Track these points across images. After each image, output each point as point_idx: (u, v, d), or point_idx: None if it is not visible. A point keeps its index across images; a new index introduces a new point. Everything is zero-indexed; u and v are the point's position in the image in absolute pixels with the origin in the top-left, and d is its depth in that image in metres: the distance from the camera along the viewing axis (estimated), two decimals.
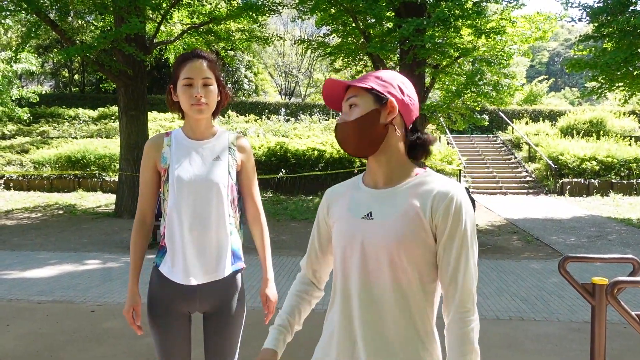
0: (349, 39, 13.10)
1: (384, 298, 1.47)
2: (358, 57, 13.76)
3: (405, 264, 1.44)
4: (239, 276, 2.27)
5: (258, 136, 19.48)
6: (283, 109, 25.42)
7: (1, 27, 15.22)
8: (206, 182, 2.12)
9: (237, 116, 24.33)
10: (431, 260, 1.47)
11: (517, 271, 7.13)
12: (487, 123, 12.66)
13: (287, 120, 23.57)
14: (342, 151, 15.58)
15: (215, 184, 2.13)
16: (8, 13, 11.21)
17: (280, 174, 15.33)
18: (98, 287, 6.11)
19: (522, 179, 17.63)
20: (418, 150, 1.56)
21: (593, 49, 12.13)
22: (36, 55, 18.12)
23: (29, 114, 19.21)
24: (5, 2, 11.32)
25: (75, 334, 4.52)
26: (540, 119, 25.11)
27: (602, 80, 11.55)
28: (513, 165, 18.98)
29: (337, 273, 1.59)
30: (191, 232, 2.10)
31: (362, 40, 12.42)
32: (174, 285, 2.13)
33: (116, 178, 14.99)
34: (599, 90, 11.87)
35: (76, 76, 33.68)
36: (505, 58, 11.92)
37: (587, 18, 11.29)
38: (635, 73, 10.96)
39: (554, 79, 45.08)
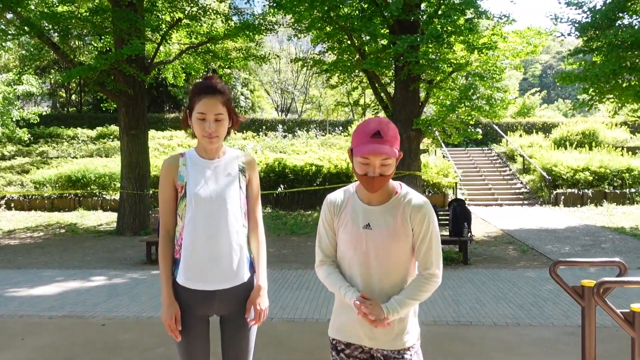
0: (345, 56, 13.37)
1: (382, 273, 2.11)
2: (353, 73, 14.04)
3: (396, 252, 2.11)
4: (253, 282, 2.46)
5: (256, 152, 19.71)
6: (280, 125, 25.69)
7: (2, 49, 15.47)
8: (221, 197, 2.34)
9: (235, 133, 24.57)
10: (410, 247, 2.13)
11: (513, 279, 7.32)
12: (480, 136, 12.91)
13: (285, 137, 23.83)
14: (339, 166, 15.84)
15: (229, 198, 2.36)
16: (10, 37, 11.47)
17: (279, 189, 15.53)
18: (106, 302, 6.27)
19: (517, 191, 17.87)
20: None
21: (583, 62, 12.44)
22: (36, 77, 18.36)
23: (29, 135, 19.41)
24: (4, 26, 11.57)
25: (89, 346, 4.68)
26: (534, 131, 25.44)
27: (592, 93, 11.84)
28: (508, 177, 19.24)
29: (346, 261, 2.17)
30: (209, 242, 2.30)
31: (357, 57, 12.70)
32: (193, 291, 2.33)
33: (116, 197, 15.17)
34: (590, 102, 12.15)
35: (73, 96, 33.95)
36: (497, 72, 12.19)
37: (576, 33, 11.61)
38: (624, 85, 11.25)
39: (546, 91, 45.54)
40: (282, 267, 8.48)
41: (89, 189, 16.39)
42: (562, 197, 16.31)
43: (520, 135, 24.15)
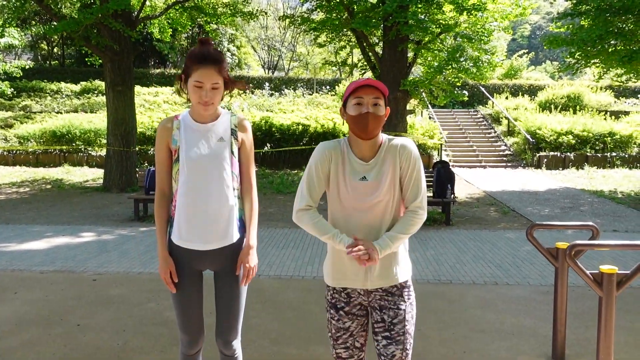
0: (333, 14, 13.22)
1: (379, 213, 2.28)
2: (342, 32, 13.92)
3: (390, 200, 2.27)
4: (241, 243, 2.59)
5: (242, 111, 19.63)
6: (267, 83, 25.49)
7: None
8: (212, 161, 2.44)
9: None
10: (398, 183, 2.30)
11: (493, 240, 7.55)
12: (466, 98, 13.02)
13: (271, 95, 23.69)
14: (326, 125, 15.87)
15: (220, 162, 2.45)
16: None
17: (266, 148, 15.58)
18: (96, 258, 6.40)
19: (501, 153, 18.11)
20: None
21: (571, 25, 12.46)
22: (19, 29, 17.92)
23: (11, 89, 19.08)
24: None
25: (80, 300, 4.82)
26: (520, 93, 25.56)
27: (578, 57, 11.91)
28: (493, 139, 19.45)
29: (338, 211, 2.32)
30: (200, 205, 2.42)
31: (346, 15, 12.58)
32: (186, 249, 2.47)
33: (102, 153, 15.13)
34: (575, 66, 12.24)
35: (55, 49, 33.21)
36: (485, 34, 12.19)
37: None
38: (609, 50, 11.33)
39: (534, 53, 45.47)
40: (269, 225, 8.64)
41: (74, 144, 16.29)
42: (545, 160, 16.58)
43: (507, 98, 24.26)
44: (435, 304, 4.85)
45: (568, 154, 16.70)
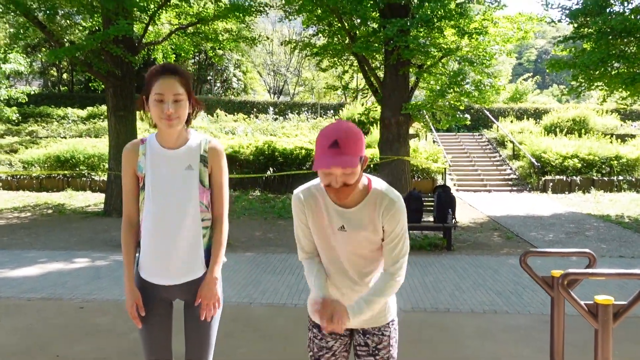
0: (335, 39, 13.27)
1: (360, 265, 2.18)
2: (344, 56, 13.95)
3: (370, 252, 2.15)
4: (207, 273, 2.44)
5: (247, 135, 19.64)
6: (271, 108, 25.57)
7: None
8: (179, 191, 2.28)
9: (226, 115, 24.48)
10: (380, 242, 2.14)
11: (494, 266, 7.37)
12: (469, 122, 12.90)
13: (276, 119, 23.75)
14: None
15: (187, 193, 2.30)
16: None
17: (268, 172, 15.52)
18: (87, 285, 6.28)
19: (506, 177, 17.94)
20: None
21: (573, 48, 12.41)
22: (24, 55, 18.13)
23: (17, 114, 19.24)
24: None
25: (65, 329, 4.69)
26: (526, 117, 25.45)
27: (581, 80, 11.83)
28: (498, 162, 19.29)
29: (322, 258, 2.23)
30: (165, 237, 2.27)
31: (347, 40, 12.60)
32: (151, 283, 2.35)
33: (105, 177, 15.10)
34: (579, 89, 12.15)
35: (65, 75, 33.63)
36: (487, 58, 12.15)
37: (567, 19, 11.56)
38: (612, 73, 11.25)
39: (540, 77, 45.49)
40: (267, 251, 8.50)
41: (77, 169, 16.31)
42: (551, 183, 16.39)
43: (512, 121, 24.16)
44: (431, 334, 4.68)
45: (574, 177, 16.51)
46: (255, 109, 26.49)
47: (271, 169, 15.63)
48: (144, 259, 2.33)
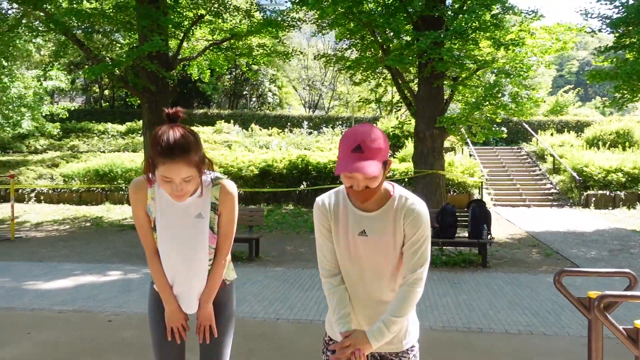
0: (368, 52, 13.22)
1: (377, 275, 2.08)
2: (377, 70, 13.86)
3: (391, 258, 2.05)
4: (226, 290, 2.46)
5: (280, 149, 19.70)
6: (306, 122, 25.63)
7: (33, 46, 15.78)
8: (189, 240, 2.28)
9: (260, 129, 24.65)
10: (400, 249, 2.04)
11: (532, 285, 7.09)
12: (505, 135, 12.58)
13: (310, 133, 23.77)
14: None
15: (197, 242, 2.29)
16: (37, 33, 11.68)
17: (302, 186, 15.48)
18: (117, 298, 6.31)
19: (546, 191, 17.43)
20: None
21: (615, 59, 12.00)
22: (66, 73, 18.70)
23: (59, 129, 19.81)
24: (36, 23, 11.79)
25: (91, 343, 4.69)
26: (567, 129, 24.77)
27: (624, 91, 11.41)
28: (537, 177, 18.78)
29: (343, 268, 2.12)
30: (179, 276, 2.33)
31: (380, 53, 12.53)
32: None
33: None
34: (621, 101, 11.72)
35: (106, 92, 34.55)
36: (524, 70, 11.85)
37: (607, 29, 11.20)
38: None
39: (582, 89, 44.32)
40: (297, 266, 8.40)
41: (115, 183, 16.63)
42: (593, 198, 15.83)
43: (552, 134, 23.53)
44: (462, 355, 4.49)
45: (618, 192, 15.90)
46: (289, 123, 26.60)
47: (305, 183, 15.59)
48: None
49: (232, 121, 25.50)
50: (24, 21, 12.00)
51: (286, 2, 12.95)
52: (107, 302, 6.14)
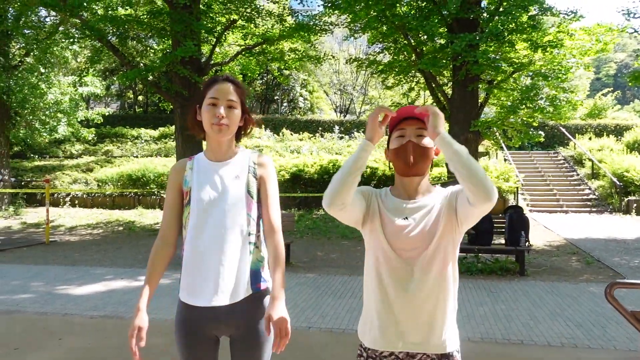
0: (401, 56, 13.04)
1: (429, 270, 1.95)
2: (410, 74, 13.66)
3: (443, 244, 1.94)
4: (266, 297, 2.20)
5: (311, 154, 19.62)
6: (337, 127, 25.53)
7: (69, 52, 16.10)
8: (225, 202, 2.13)
9: (292, 134, 24.64)
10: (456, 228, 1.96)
11: (574, 294, 6.80)
12: (542, 139, 12.22)
13: (341, 138, 23.64)
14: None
15: (234, 204, 2.14)
16: (74, 40, 11.87)
17: None
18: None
19: (584, 197, 16.91)
20: None
21: None
22: (101, 79, 19.02)
23: (94, 135, 20.15)
24: (73, 30, 12.00)
25: (120, 351, 4.64)
26: (605, 133, 24.05)
27: None
28: (575, 182, 18.24)
29: (380, 266, 1.99)
30: (208, 253, 2.10)
31: (413, 57, 12.34)
32: (197, 308, 2.12)
33: None
34: None
35: (140, 97, 35.11)
36: (563, 72, 11.51)
37: None
38: None
39: (620, 92, 43.03)
40: (328, 272, 8.26)
41: (148, 187, 16.80)
42: (635, 204, 15.27)
43: (590, 139, 22.88)
44: None
45: None
46: (320, 128, 26.52)
47: None
48: (187, 278, 2.15)
49: (263, 126, 25.58)
50: (61, 28, 12.22)
51: (319, 6, 12.85)
52: None
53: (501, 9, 10.92)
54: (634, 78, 11.02)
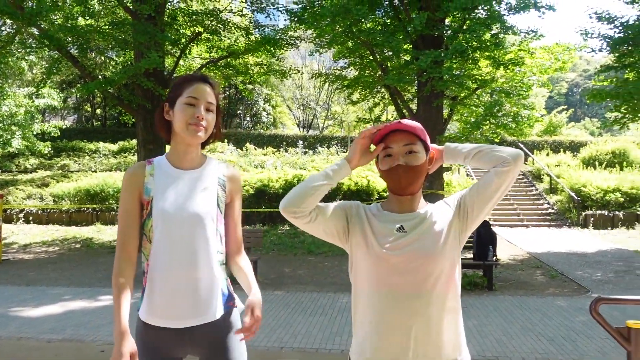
0: (366, 71, 13.10)
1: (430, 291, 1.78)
2: (375, 89, 13.73)
3: (443, 260, 1.77)
4: (235, 315, 2.10)
5: (276, 168, 19.46)
6: (301, 141, 25.48)
7: (25, 63, 15.55)
8: (194, 216, 1.97)
9: (255, 149, 24.44)
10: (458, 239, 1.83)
11: (542, 309, 6.84)
12: None
13: (305, 153, 23.59)
14: (359, 183, 15.44)
15: (203, 218, 1.98)
16: (31, 50, 11.45)
17: None
18: (109, 325, 5.98)
19: (543, 211, 17.27)
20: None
21: (614, 79, 11.93)
22: (58, 91, 18.43)
23: (50, 148, 19.46)
24: (30, 40, 11.58)
25: None
26: (561, 149, 24.77)
27: (624, 111, 11.30)
28: (534, 197, 18.64)
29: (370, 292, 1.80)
30: (179, 270, 1.94)
31: (379, 72, 12.40)
32: (159, 330, 1.96)
33: None
34: (622, 121, 11.61)
35: (98, 110, 34.28)
36: (524, 89, 11.76)
37: (608, 48, 11.13)
38: None
39: (573, 110, 44.56)
40: (297, 289, 8.10)
41: (107, 203, 16.28)
42: (592, 218, 15.68)
43: (548, 154, 23.51)
44: None
45: (617, 212, 15.76)
46: (284, 143, 26.42)
47: None
48: (153, 298, 1.96)
49: (225, 140, 25.28)
50: (17, 38, 11.77)
51: (285, 20, 12.81)
52: (99, 329, 5.81)
53: (465, 27, 11.10)
54: (593, 96, 11.34)
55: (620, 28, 10.79)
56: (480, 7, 10.87)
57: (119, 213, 2.02)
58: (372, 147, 1.87)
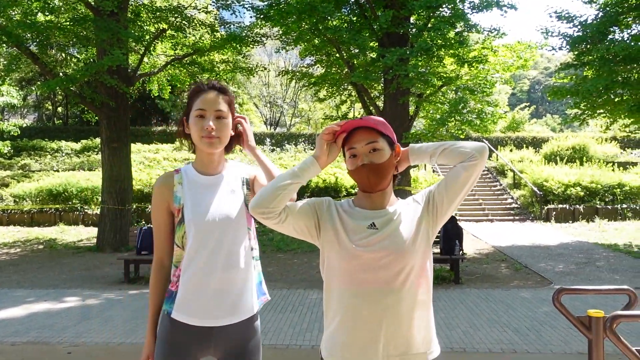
0: (333, 69, 13.15)
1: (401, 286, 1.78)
2: (342, 86, 13.80)
3: (415, 255, 1.77)
4: (257, 324, 2.17)
5: None
6: (268, 139, 25.40)
7: None
8: (225, 219, 2.04)
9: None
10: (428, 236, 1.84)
11: (507, 300, 7.00)
12: None
13: (272, 151, 23.53)
14: (327, 180, 15.48)
15: (234, 219, 2.05)
16: None
17: None
18: (75, 327, 5.87)
19: (507, 206, 17.65)
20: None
21: (574, 76, 12.28)
22: (17, 88, 17.92)
23: (9, 147, 18.91)
24: None
25: None
26: (524, 145, 25.36)
27: (583, 107, 11.65)
28: (498, 192, 19.03)
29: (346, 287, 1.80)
30: (215, 273, 2.00)
31: (346, 70, 12.47)
32: (187, 328, 2.01)
33: (98, 211, 14.73)
34: (581, 117, 11.96)
35: (59, 109, 33.47)
36: (487, 86, 12.00)
37: (567, 47, 11.45)
38: (616, 100, 11.08)
39: (535, 107, 45.64)
40: (267, 286, 8.06)
41: (70, 203, 15.93)
42: (554, 212, 16.10)
43: (511, 150, 24.03)
44: None
45: (577, 206, 16.23)
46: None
47: None
48: (187, 298, 2.01)
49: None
50: None
51: (251, 17, 12.76)
52: (65, 331, 5.70)
53: (430, 25, 11.25)
54: (553, 93, 11.64)
55: (579, 27, 11.12)
56: (444, 6, 11.04)
57: (153, 225, 2.12)
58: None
